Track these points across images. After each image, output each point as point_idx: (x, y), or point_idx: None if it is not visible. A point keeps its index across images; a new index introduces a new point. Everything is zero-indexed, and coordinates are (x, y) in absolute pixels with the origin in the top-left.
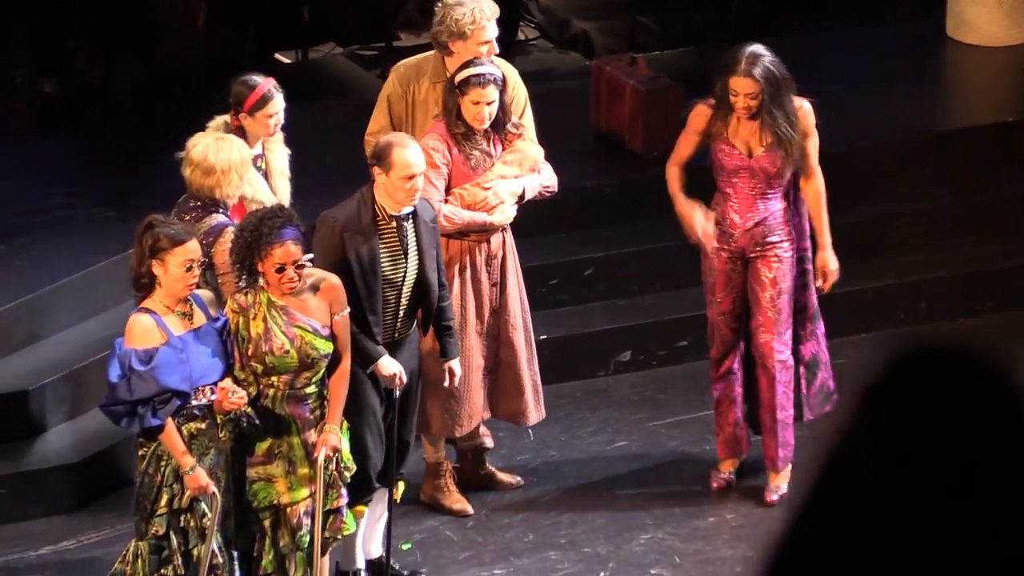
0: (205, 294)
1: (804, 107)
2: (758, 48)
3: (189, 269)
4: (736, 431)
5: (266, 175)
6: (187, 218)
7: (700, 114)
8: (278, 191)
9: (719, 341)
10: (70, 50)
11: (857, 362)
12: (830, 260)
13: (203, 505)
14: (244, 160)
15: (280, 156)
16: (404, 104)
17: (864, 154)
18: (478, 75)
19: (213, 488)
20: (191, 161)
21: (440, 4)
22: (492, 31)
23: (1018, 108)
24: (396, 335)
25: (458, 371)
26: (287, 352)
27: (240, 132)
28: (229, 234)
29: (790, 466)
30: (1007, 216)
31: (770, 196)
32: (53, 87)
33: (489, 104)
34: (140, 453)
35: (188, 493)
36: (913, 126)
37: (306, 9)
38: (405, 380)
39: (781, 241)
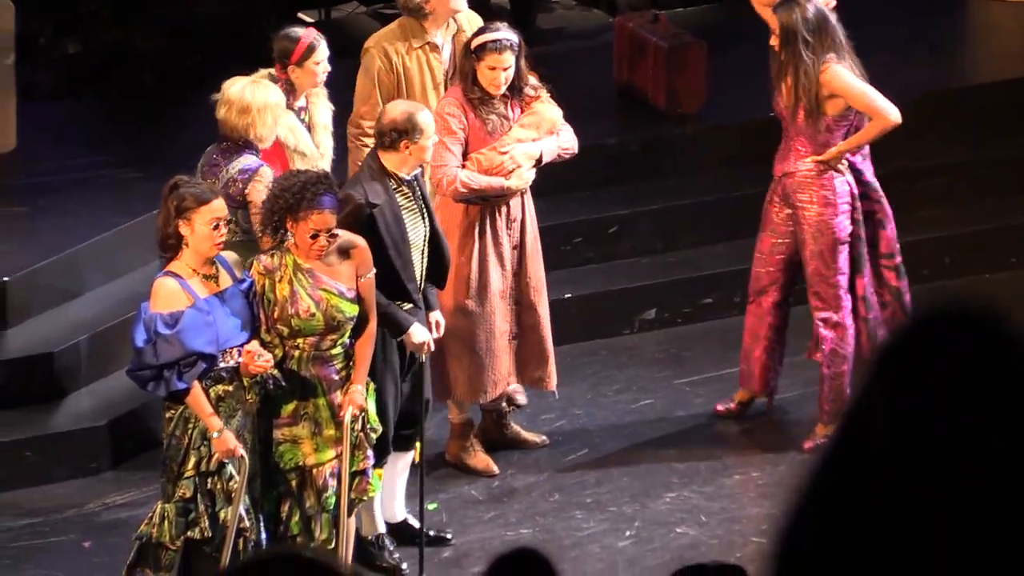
0: (230, 255)
1: (828, 71)
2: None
3: (216, 227)
4: (750, 366)
5: (309, 128)
6: (221, 159)
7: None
8: (320, 144)
9: (753, 277)
10: (92, 10)
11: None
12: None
13: (231, 468)
14: (279, 102)
15: (323, 110)
16: (392, 75)
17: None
18: (495, 41)
19: (241, 451)
20: (227, 100)
21: None
22: None
23: None
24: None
25: (443, 322)
26: (313, 315)
27: (288, 86)
28: (265, 175)
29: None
30: None
31: (800, 151)
32: (76, 48)
33: (505, 70)
34: (168, 415)
35: (216, 456)
36: (936, 81)
37: None
38: (433, 348)
39: (809, 203)
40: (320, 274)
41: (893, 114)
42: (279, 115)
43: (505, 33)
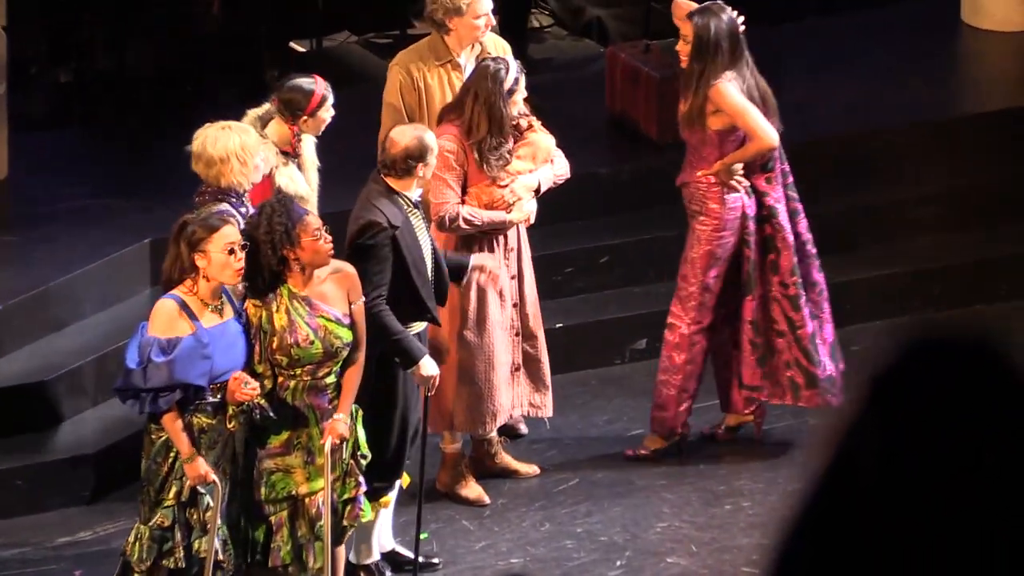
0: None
1: (718, 86)
2: (723, 9)
3: (232, 252)
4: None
5: (299, 167)
6: (197, 202)
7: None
8: (311, 182)
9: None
10: (85, 39)
11: (872, 349)
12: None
13: (207, 498)
14: (245, 145)
15: (310, 147)
16: (415, 93)
17: (878, 138)
18: (517, 75)
19: (214, 477)
20: (194, 155)
21: None
22: (487, 4)
23: None
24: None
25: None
26: (312, 343)
27: (296, 137)
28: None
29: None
30: (1021, 201)
31: (693, 162)
32: (68, 77)
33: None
34: (152, 437)
35: (188, 482)
36: (928, 111)
37: None
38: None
39: (698, 213)
40: (316, 301)
41: (771, 137)
42: (249, 156)
43: (512, 62)
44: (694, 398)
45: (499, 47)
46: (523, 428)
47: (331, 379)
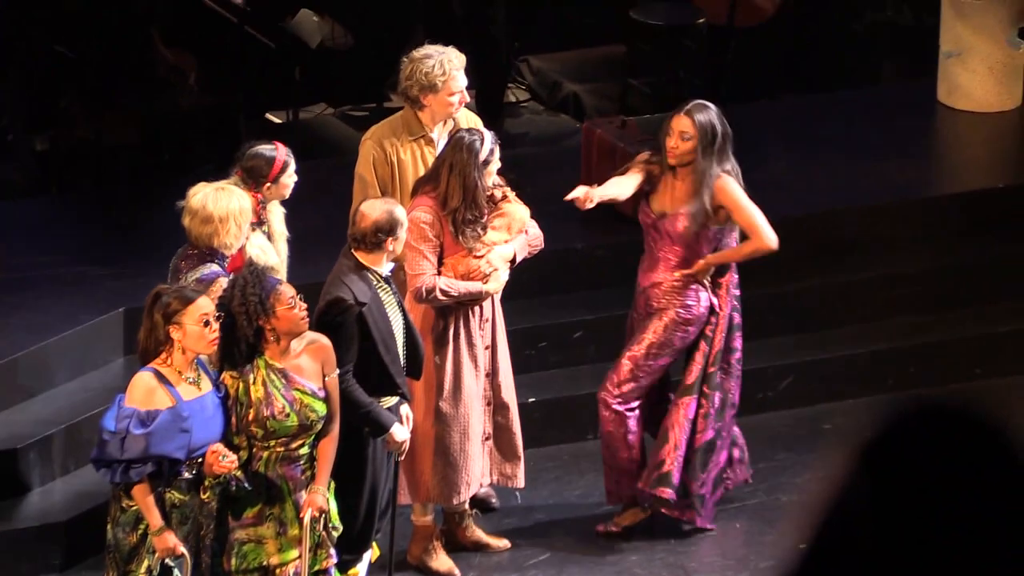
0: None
1: (722, 181)
2: (707, 103)
3: (207, 324)
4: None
5: (268, 237)
6: (183, 265)
7: (641, 159)
8: (281, 252)
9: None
10: (62, 108)
11: (845, 427)
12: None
13: (175, 571)
14: (244, 210)
15: (279, 217)
16: (388, 167)
17: (856, 218)
18: (492, 146)
19: (183, 549)
20: (190, 209)
21: (406, 59)
22: (462, 81)
23: (1009, 173)
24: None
25: (412, 416)
26: (288, 416)
27: (262, 205)
28: (220, 284)
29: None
30: (996, 282)
31: (670, 260)
32: (45, 145)
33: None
34: (122, 506)
35: (157, 555)
36: (904, 190)
37: (298, 69)
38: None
39: (668, 308)
40: (292, 374)
41: (772, 239)
42: (243, 222)
43: (488, 133)
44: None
45: (471, 121)
46: (495, 501)
47: (304, 450)
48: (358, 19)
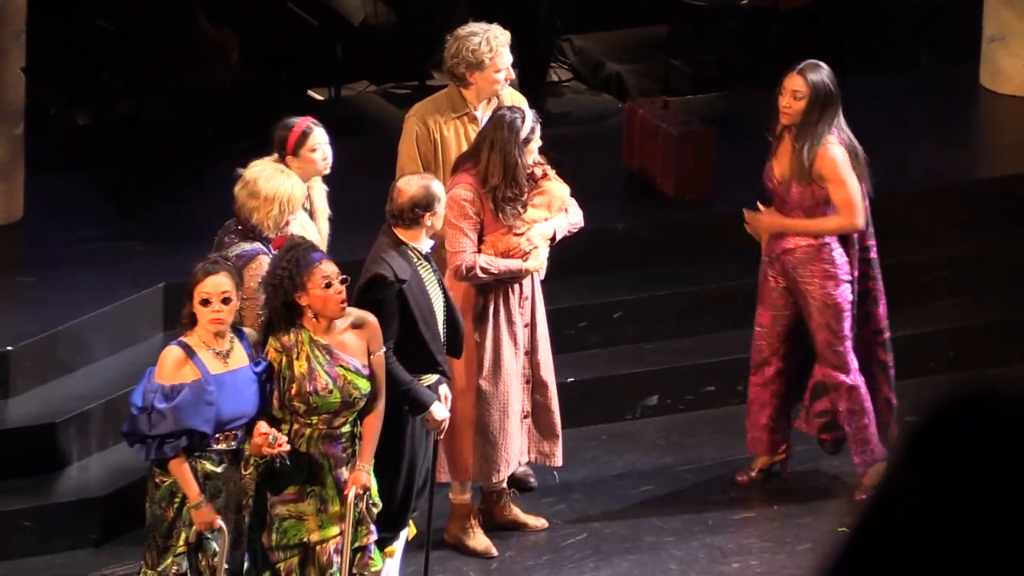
0: (252, 334)
1: (827, 149)
2: (820, 63)
3: (205, 303)
4: (758, 433)
5: (311, 215)
6: (227, 240)
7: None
8: (322, 231)
9: (754, 349)
10: (103, 83)
11: (917, 405)
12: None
13: (214, 543)
14: (292, 197)
15: (321, 195)
16: (431, 144)
17: (896, 201)
18: (533, 124)
19: (220, 523)
20: (244, 179)
21: (451, 37)
22: (507, 58)
23: None
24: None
25: (451, 396)
26: (331, 392)
27: None
28: (262, 262)
29: (878, 466)
30: None
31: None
32: (86, 120)
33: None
34: (156, 482)
35: (195, 527)
36: (946, 175)
37: (340, 46)
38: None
39: (811, 278)
40: (337, 351)
41: (861, 220)
42: (288, 209)
43: (529, 111)
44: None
45: (515, 100)
46: (533, 481)
47: (346, 428)
48: None
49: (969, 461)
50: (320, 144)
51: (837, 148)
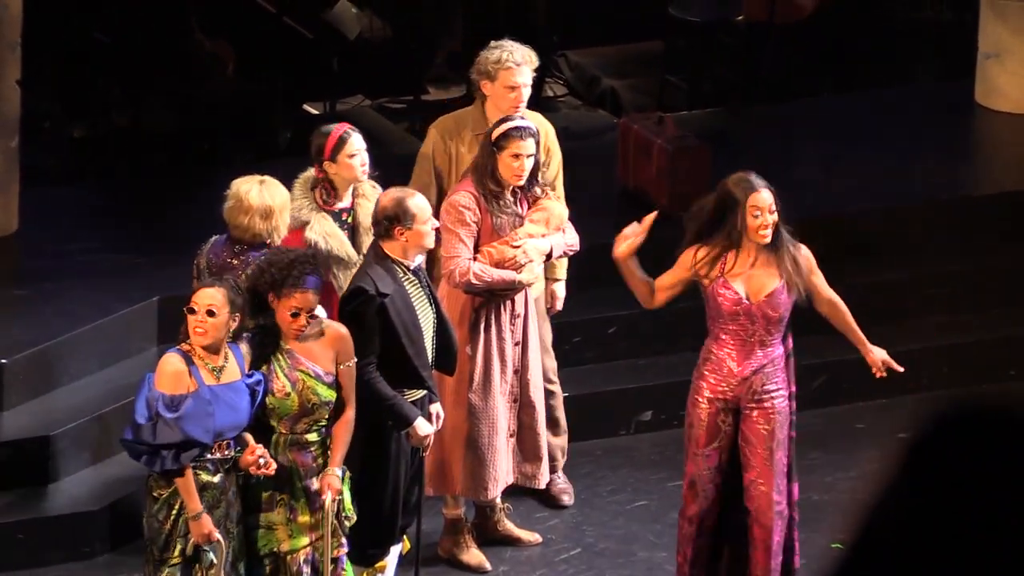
0: (245, 349)
1: (803, 249)
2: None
3: (191, 312)
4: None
5: (353, 229)
6: (231, 261)
7: (690, 253)
8: (362, 247)
9: (702, 498)
10: (99, 95)
11: (877, 427)
12: (878, 351)
13: (211, 555)
14: (285, 204)
15: (367, 211)
16: (447, 158)
17: (891, 217)
18: (517, 128)
19: (218, 535)
20: (247, 207)
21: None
22: (521, 76)
23: None
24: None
25: (443, 414)
26: (288, 395)
27: (329, 185)
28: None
29: None
30: None
31: (769, 343)
32: (82, 132)
33: (528, 157)
34: (154, 495)
35: (192, 540)
36: (941, 191)
37: (335, 60)
38: (432, 441)
39: (778, 390)
40: (299, 355)
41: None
42: (283, 218)
43: (526, 121)
44: None
45: (538, 123)
46: (567, 499)
47: (313, 436)
48: (396, 11)
49: (964, 475)
50: (359, 150)
51: (800, 244)
